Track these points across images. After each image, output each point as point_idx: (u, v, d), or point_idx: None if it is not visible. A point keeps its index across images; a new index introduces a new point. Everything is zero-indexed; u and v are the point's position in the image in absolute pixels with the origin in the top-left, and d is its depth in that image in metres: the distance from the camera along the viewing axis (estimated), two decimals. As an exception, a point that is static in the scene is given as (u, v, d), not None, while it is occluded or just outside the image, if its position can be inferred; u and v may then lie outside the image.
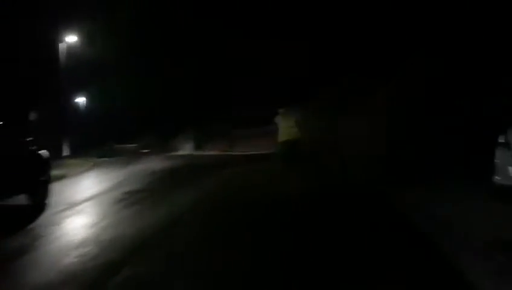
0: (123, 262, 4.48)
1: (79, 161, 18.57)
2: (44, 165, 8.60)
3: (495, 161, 6.06)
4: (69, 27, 20.34)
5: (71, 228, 6.54)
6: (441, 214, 5.65)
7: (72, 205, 8.23)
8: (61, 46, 19.74)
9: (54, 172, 13.35)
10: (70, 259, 4.69)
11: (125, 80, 28.79)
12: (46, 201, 8.45)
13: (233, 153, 22.21)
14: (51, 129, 18.70)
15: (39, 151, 8.70)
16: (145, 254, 4.85)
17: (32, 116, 12.87)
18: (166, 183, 11.50)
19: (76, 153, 20.95)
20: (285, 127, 11.44)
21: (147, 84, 29.77)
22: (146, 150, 28.12)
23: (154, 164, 17.02)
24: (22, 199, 7.98)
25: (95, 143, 25.29)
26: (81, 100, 33.05)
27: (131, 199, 8.69)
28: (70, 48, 20.47)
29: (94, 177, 14.38)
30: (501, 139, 6.13)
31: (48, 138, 18.09)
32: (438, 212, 5.76)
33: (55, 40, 19.72)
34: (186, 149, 26.72)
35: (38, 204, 8.08)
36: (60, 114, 19.81)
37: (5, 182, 6.96)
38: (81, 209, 7.92)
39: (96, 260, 4.56)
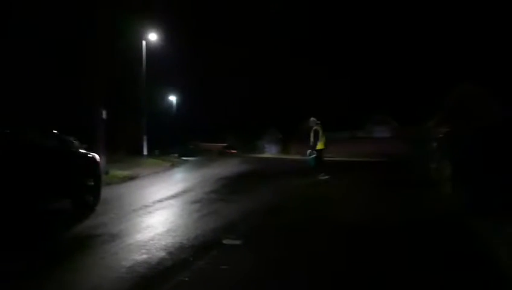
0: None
1: (158, 161, 18.19)
2: (92, 169, 7.75)
3: None
4: (153, 26, 19.93)
5: (96, 246, 5.33)
6: None
7: (121, 215, 7.22)
8: (143, 44, 19.37)
9: (125, 172, 12.88)
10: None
11: (214, 81, 28.58)
12: (96, 207, 7.62)
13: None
14: (133, 127, 18.57)
15: (89, 154, 7.90)
16: None
17: (104, 114, 12.42)
18: (235, 193, 10.22)
19: (160, 151, 20.69)
20: (323, 136, 12.29)
21: (236, 84, 29.31)
22: (232, 151, 27.59)
23: (232, 166, 16.03)
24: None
25: (180, 141, 25.10)
26: (173, 99, 33.61)
27: (186, 210, 7.58)
28: (155, 47, 20.11)
29: (164, 180, 13.59)
30: None
31: (129, 137, 18.00)
32: None
33: (140, 37, 19.42)
34: (271, 151, 25.80)
35: (83, 210, 7.27)
36: (142, 112, 19.51)
37: (39, 186, 6.15)
38: (127, 220, 6.85)
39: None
